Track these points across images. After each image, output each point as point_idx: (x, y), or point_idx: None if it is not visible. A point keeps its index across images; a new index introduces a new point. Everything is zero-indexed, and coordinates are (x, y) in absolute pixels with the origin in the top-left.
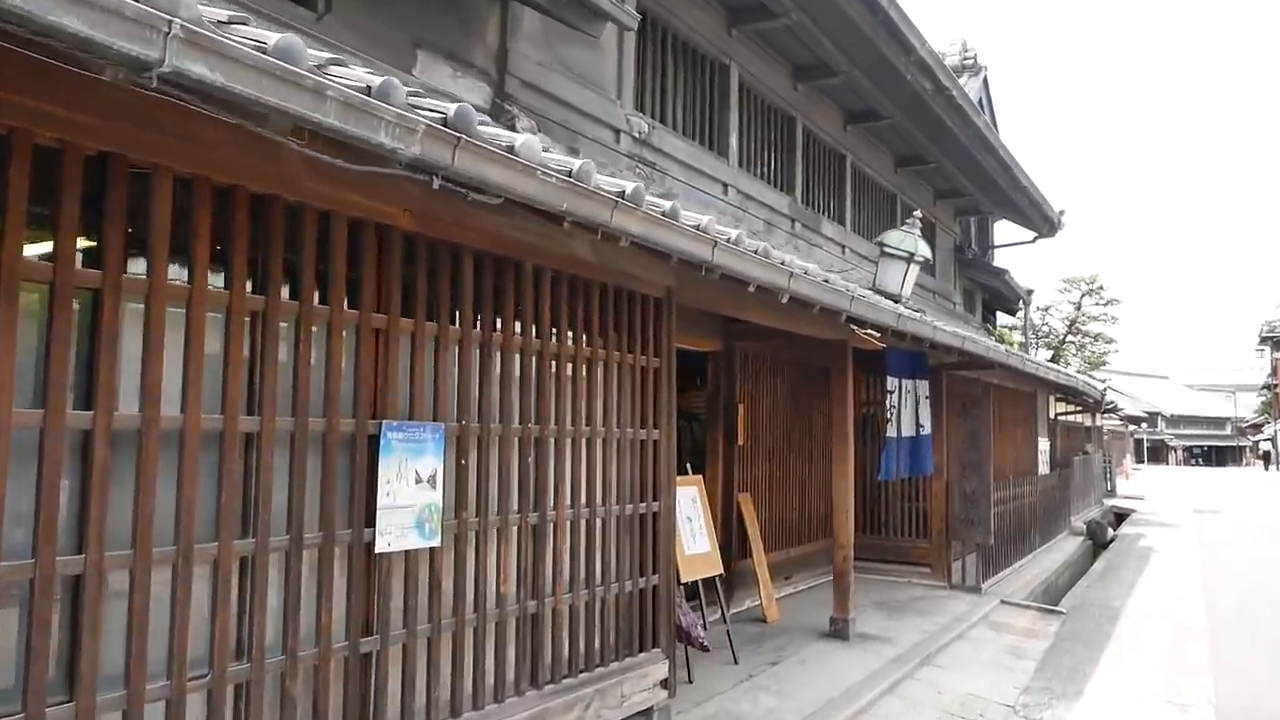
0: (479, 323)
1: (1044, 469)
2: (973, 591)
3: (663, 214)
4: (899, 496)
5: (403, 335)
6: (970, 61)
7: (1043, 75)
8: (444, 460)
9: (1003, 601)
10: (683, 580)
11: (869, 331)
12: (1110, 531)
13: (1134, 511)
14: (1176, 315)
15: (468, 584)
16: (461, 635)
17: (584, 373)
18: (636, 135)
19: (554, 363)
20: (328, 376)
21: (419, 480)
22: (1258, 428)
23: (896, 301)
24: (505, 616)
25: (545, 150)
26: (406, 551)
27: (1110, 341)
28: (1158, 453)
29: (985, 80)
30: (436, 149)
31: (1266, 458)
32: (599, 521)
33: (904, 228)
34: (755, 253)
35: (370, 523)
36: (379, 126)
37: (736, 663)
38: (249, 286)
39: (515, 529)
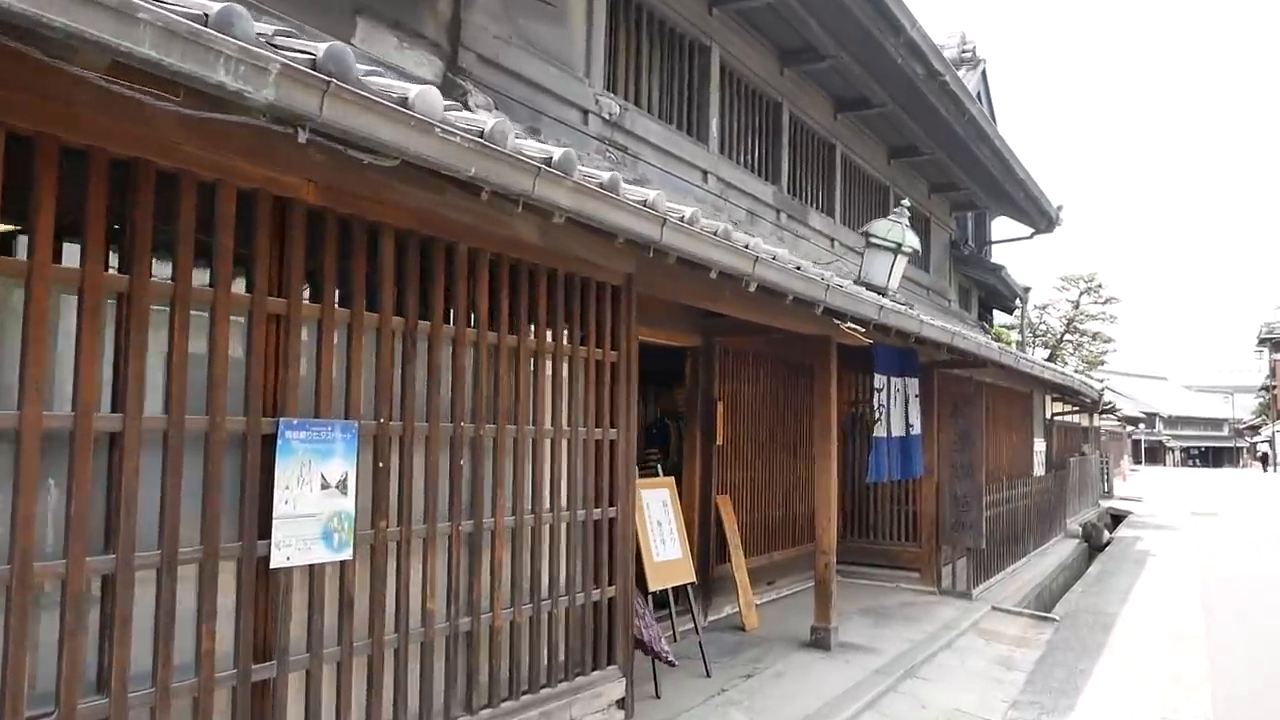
0: (403, 310)
1: (1039, 470)
2: (963, 597)
3: (600, 185)
4: (888, 499)
5: (307, 322)
6: (969, 54)
7: (1044, 73)
8: (357, 463)
9: (994, 608)
10: (651, 589)
11: (852, 326)
12: (1106, 534)
13: (1131, 514)
14: (1175, 316)
15: (388, 601)
16: (379, 658)
17: (531, 367)
18: (607, 117)
19: (493, 355)
20: (211, 368)
21: (326, 485)
22: (1255, 429)
23: (883, 295)
24: (432, 636)
25: (450, 108)
26: (311, 566)
27: (1108, 341)
28: (1155, 454)
29: (984, 73)
30: (298, 94)
31: (1264, 459)
32: (546, 529)
33: (891, 217)
34: (715, 234)
35: (266, 534)
36: (215, 62)
37: (709, 675)
38: (113, 264)
39: (446, 538)
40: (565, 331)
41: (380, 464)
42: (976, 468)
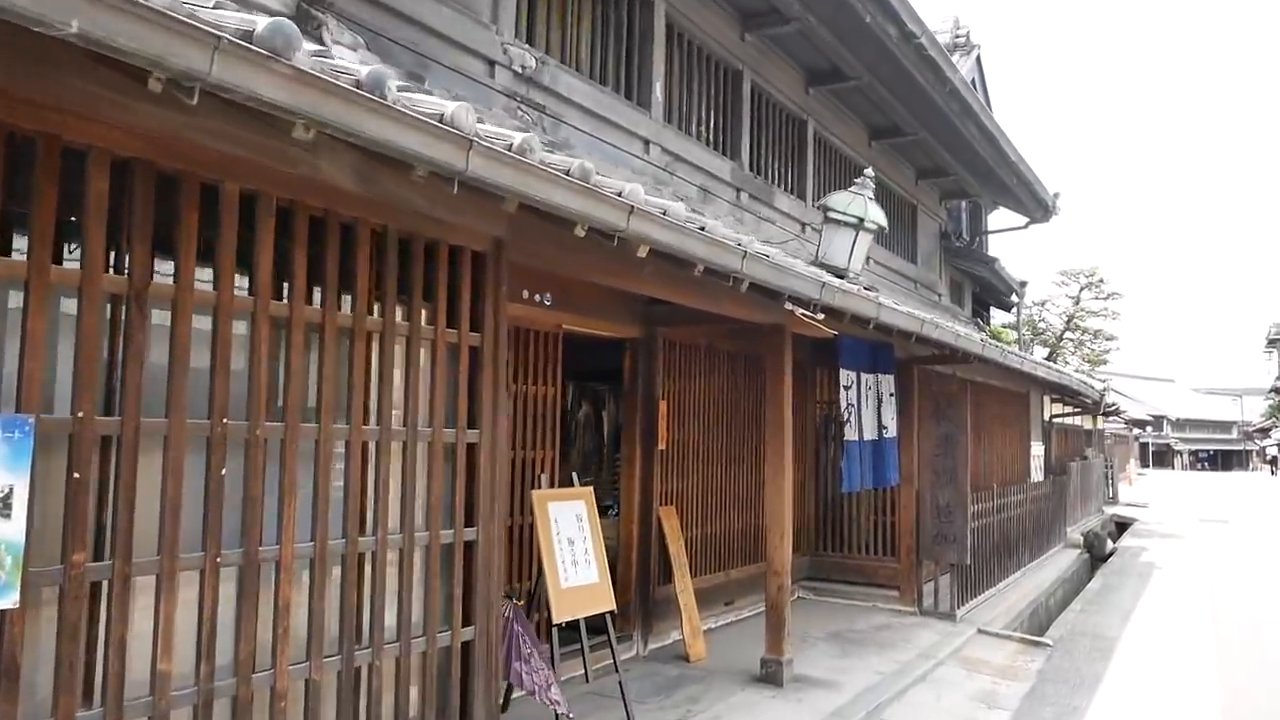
0: (126, 267)
1: (1037, 475)
2: (946, 618)
3: (356, 84)
4: (864, 509)
5: None
6: (962, 39)
7: (1046, 64)
8: (33, 473)
9: (980, 631)
10: (556, 620)
11: (805, 312)
12: (1110, 544)
13: (1136, 521)
14: (1183, 318)
15: (97, 662)
16: None
17: (346, 348)
18: (519, 70)
19: (283, 332)
20: None
21: None
22: (1265, 432)
23: (842, 277)
24: (167, 706)
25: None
26: None
27: (1111, 339)
28: (1163, 457)
29: (978, 59)
30: None
31: (1274, 462)
32: (367, 556)
33: (853, 189)
34: (566, 173)
35: None
36: None
37: None
38: None
39: (197, 574)
40: (402, 306)
41: (76, 474)
42: (961, 474)
